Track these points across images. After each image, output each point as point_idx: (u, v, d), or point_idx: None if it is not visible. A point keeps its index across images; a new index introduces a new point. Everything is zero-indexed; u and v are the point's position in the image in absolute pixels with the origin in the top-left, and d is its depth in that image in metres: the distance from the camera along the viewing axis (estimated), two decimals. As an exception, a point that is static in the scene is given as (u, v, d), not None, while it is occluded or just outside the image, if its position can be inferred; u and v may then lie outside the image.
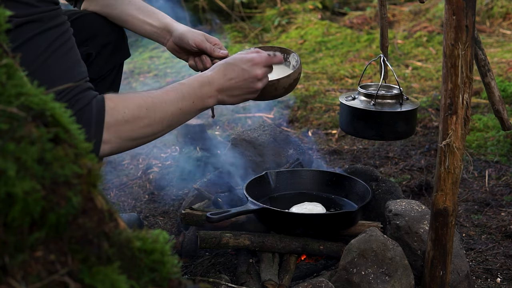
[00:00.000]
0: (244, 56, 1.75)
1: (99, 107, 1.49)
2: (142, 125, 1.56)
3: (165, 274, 0.82)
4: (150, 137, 1.62)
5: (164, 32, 2.04)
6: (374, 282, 1.71)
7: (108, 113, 1.49)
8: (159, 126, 1.60)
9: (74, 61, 1.50)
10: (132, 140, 1.58)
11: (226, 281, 1.83)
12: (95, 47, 2.00)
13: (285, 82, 1.89)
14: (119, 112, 1.52)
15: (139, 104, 1.56)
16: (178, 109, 1.62)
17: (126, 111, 1.53)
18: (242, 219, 2.05)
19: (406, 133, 2.14)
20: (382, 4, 2.12)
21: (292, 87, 1.94)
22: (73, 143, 0.79)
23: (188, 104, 1.65)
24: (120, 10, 2.03)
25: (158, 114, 1.58)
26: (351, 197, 2.20)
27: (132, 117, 1.54)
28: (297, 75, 1.93)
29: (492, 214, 2.49)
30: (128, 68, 4.64)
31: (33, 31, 1.41)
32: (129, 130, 1.54)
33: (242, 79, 1.72)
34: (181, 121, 1.68)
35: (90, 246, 0.75)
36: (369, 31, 5.23)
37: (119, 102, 1.54)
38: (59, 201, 0.73)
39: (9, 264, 0.69)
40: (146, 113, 1.56)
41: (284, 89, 1.91)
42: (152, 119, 1.57)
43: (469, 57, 1.60)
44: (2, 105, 0.74)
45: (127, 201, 2.70)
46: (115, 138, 1.51)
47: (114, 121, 1.50)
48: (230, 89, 1.72)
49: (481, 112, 3.46)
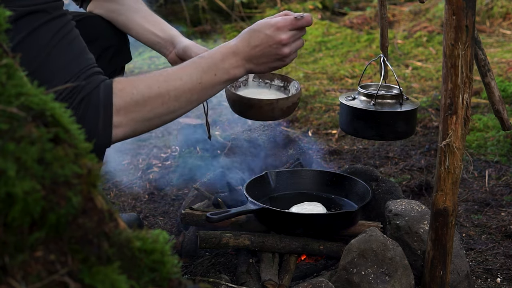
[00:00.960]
0: (268, 21, 1.66)
1: (107, 90, 1.45)
2: (155, 104, 1.51)
3: (165, 274, 0.82)
4: (167, 115, 1.56)
5: (168, 43, 2.02)
6: (374, 282, 1.71)
7: (116, 95, 1.45)
8: (175, 103, 1.54)
9: (80, 49, 1.49)
10: (147, 121, 1.52)
11: (226, 281, 1.83)
12: (97, 50, 2.00)
13: (284, 104, 1.87)
14: (127, 94, 1.48)
15: (149, 84, 1.51)
16: (197, 83, 1.56)
17: (135, 91, 1.48)
18: (242, 219, 2.05)
19: (406, 133, 2.14)
20: (382, 4, 2.12)
21: (290, 110, 1.92)
22: (73, 143, 0.79)
23: (209, 77, 1.58)
24: (126, 17, 2.01)
25: (173, 91, 1.53)
26: (351, 197, 2.20)
27: (142, 97, 1.49)
28: (296, 99, 1.92)
29: (492, 214, 2.49)
30: (128, 68, 4.63)
31: (39, 21, 1.41)
32: (141, 111, 1.49)
33: (267, 45, 1.63)
34: (203, 96, 1.61)
35: (90, 246, 0.75)
36: (369, 31, 5.23)
37: (128, 84, 1.49)
38: (59, 201, 0.73)
39: (9, 264, 0.69)
40: (158, 92, 1.51)
41: (282, 112, 1.89)
42: (166, 97, 1.52)
43: (469, 57, 1.60)
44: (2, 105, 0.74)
45: (127, 201, 2.70)
46: (127, 121, 1.47)
47: (124, 103, 1.46)
48: (257, 57, 1.64)
49: (481, 112, 3.46)
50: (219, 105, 3.88)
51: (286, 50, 1.65)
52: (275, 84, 2.09)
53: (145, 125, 1.54)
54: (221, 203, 2.16)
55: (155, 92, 1.51)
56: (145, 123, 1.53)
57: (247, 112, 1.92)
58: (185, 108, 1.59)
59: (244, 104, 1.90)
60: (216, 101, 3.80)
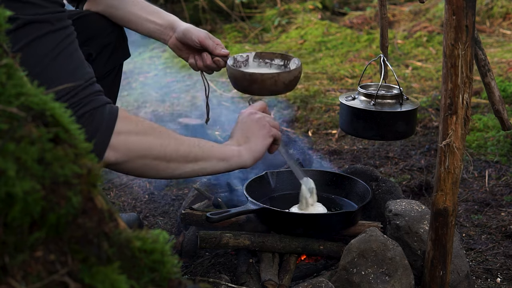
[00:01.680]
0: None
1: (113, 112, 1.46)
2: (154, 144, 1.52)
3: (165, 274, 0.82)
4: (160, 161, 1.55)
5: (168, 29, 2.04)
6: (374, 282, 1.71)
7: (120, 120, 1.46)
8: (173, 153, 1.56)
9: (80, 62, 1.49)
10: (141, 158, 1.51)
11: (226, 281, 1.82)
12: (96, 47, 2.01)
13: (285, 77, 1.89)
14: (131, 122, 1.49)
15: (152, 126, 1.55)
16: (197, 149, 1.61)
17: (140, 124, 1.51)
18: (242, 219, 2.05)
19: (406, 133, 2.14)
20: (382, 4, 2.12)
21: (292, 84, 1.93)
22: (73, 143, 0.79)
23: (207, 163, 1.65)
24: (124, 10, 2.04)
25: (174, 141, 1.56)
26: (351, 197, 2.20)
27: (144, 132, 1.51)
28: (297, 73, 1.93)
29: (492, 214, 2.49)
30: (128, 68, 4.64)
31: (40, 31, 1.40)
32: (139, 143, 1.50)
33: (247, 121, 1.76)
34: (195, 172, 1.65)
35: (90, 246, 0.75)
36: (369, 31, 5.23)
37: (133, 116, 1.52)
38: (59, 201, 0.73)
39: (9, 264, 0.69)
40: (159, 135, 1.54)
41: (284, 85, 1.91)
42: (166, 141, 1.54)
43: (469, 57, 1.60)
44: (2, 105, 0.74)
45: (127, 201, 2.70)
46: (123, 147, 1.46)
47: (126, 130, 1.47)
48: (244, 137, 1.74)
49: (481, 112, 3.46)
50: (219, 105, 3.88)
51: (257, 116, 1.76)
52: (275, 63, 2.11)
53: (137, 163, 1.52)
54: (221, 203, 2.16)
55: (157, 134, 1.54)
56: (138, 160, 1.51)
57: (250, 87, 1.94)
58: (178, 165, 1.59)
59: (246, 80, 1.93)
60: (216, 101, 3.80)
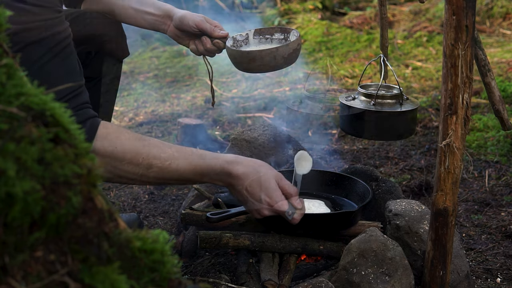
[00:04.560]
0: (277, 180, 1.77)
1: (92, 130, 1.43)
2: (130, 170, 1.49)
3: (165, 274, 0.82)
4: (134, 181, 1.55)
5: (165, 18, 2.06)
6: (374, 282, 1.71)
7: (98, 140, 1.43)
8: (149, 179, 1.55)
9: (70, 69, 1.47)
10: (114, 177, 1.51)
11: (226, 281, 1.82)
12: (94, 46, 2.01)
13: (284, 51, 1.89)
14: (110, 144, 1.46)
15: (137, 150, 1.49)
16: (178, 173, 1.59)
17: (119, 146, 1.46)
18: (242, 219, 2.05)
19: (406, 133, 2.14)
20: (382, 4, 2.12)
21: (292, 58, 1.93)
22: (73, 143, 0.79)
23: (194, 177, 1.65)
24: (121, 6, 2.06)
25: (153, 173, 1.53)
26: (351, 197, 2.20)
27: (122, 155, 1.47)
28: (296, 45, 1.93)
29: (492, 214, 2.49)
30: (128, 68, 4.64)
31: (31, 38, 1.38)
32: (114, 166, 1.47)
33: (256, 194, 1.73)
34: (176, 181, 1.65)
35: (90, 246, 0.75)
36: (369, 31, 5.23)
37: (113, 133, 1.47)
38: (59, 201, 0.73)
39: (9, 264, 0.69)
40: (137, 162, 1.49)
41: (284, 60, 1.90)
42: (143, 171, 1.51)
43: (469, 57, 1.60)
44: (2, 105, 0.74)
45: (127, 201, 2.70)
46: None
47: (103, 151, 1.44)
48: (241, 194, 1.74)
49: (481, 112, 3.46)
50: (219, 105, 3.88)
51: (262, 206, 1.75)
52: (276, 38, 2.11)
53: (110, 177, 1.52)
54: (221, 203, 2.16)
55: (137, 161, 1.49)
56: (110, 176, 1.51)
57: (250, 65, 1.94)
58: (150, 183, 1.59)
59: (246, 58, 1.93)
60: (216, 101, 3.80)
